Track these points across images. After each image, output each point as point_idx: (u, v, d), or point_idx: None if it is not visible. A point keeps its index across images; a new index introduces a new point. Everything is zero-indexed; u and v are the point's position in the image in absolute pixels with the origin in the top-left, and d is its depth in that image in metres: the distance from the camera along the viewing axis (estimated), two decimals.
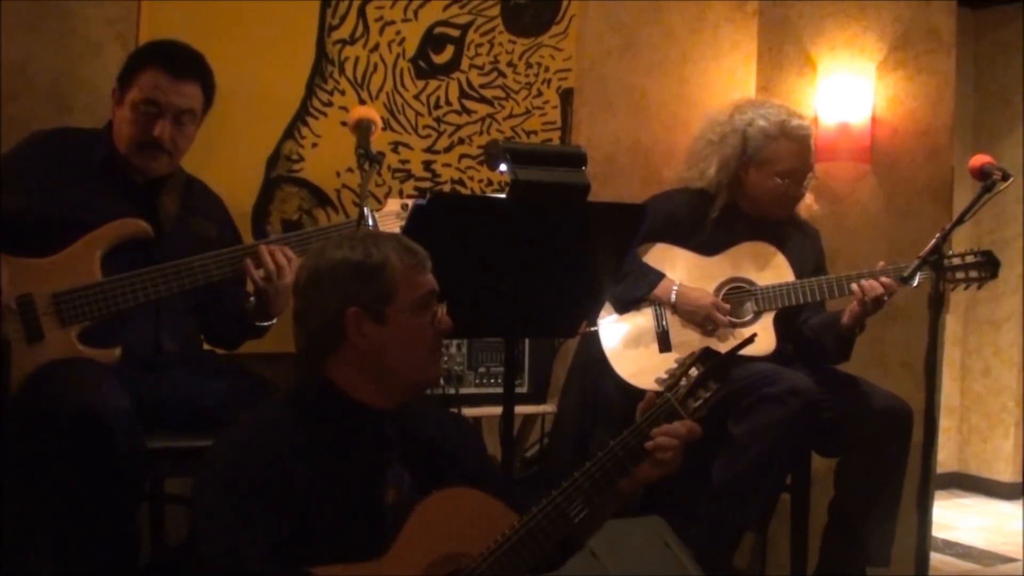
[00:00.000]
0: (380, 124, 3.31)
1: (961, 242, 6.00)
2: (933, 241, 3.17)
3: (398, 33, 4.15)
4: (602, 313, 3.80)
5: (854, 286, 3.63)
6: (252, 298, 3.17)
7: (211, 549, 2.10)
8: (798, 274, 3.84)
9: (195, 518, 2.17)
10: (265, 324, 3.23)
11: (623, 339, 3.87)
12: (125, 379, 2.84)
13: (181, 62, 3.10)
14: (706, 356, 2.38)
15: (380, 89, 4.13)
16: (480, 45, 4.33)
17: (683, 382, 2.35)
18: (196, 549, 2.13)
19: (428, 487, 2.25)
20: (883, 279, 3.61)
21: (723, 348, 3.73)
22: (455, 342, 3.82)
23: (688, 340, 3.81)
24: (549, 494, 2.25)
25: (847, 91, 4.51)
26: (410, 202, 3.36)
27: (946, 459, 7.02)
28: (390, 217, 3.35)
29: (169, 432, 2.91)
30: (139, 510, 2.82)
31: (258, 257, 3.07)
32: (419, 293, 2.27)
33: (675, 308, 3.85)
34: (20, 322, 2.83)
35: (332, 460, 2.20)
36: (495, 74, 4.38)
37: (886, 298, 3.61)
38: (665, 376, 2.39)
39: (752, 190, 3.90)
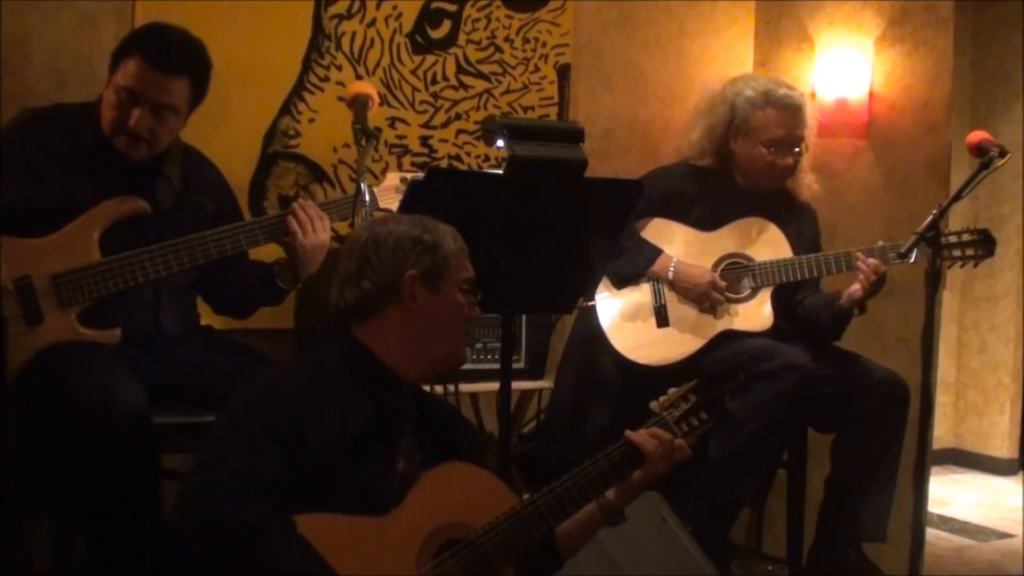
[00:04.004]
0: (377, 99, 3.30)
1: (958, 218, 6.01)
2: (930, 217, 3.16)
3: (395, 8, 4.13)
4: (599, 288, 3.80)
5: (859, 264, 3.63)
6: (278, 262, 3.20)
7: (196, 467, 2.16)
8: (795, 251, 3.84)
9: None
10: (288, 288, 3.25)
11: (620, 314, 3.87)
12: (126, 359, 2.85)
13: (169, 55, 2.99)
14: (701, 388, 2.51)
15: (377, 64, 4.11)
16: (477, 20, 4.32)
17: (678, 407, 2.49)
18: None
19: (433, 464, 2.33)
20: (870, 259, 3.63)
21: (720, 324, 3.77)
22: None
23: (685, 315, 3.82)
24: (553, 481, 2.35)
25: (845, 67, 4.50)
26: (409, 176, 3.36)
27: (942, 435, 7.03)
28: (389, 191, 3.34)
29: (167, 408, 2.91)
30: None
31: (295, 216, 3.10)
32: (465, 276, 2.43)
33: (673, 284, 3.85)
34: (19, 305, 2.81)
35: (356, 420, 2.28)
36: (492, 49, 4.36)
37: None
38: (662, 399, 2.52)
39: (741, 161, 3.91)
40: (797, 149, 3.88)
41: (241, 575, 2.04)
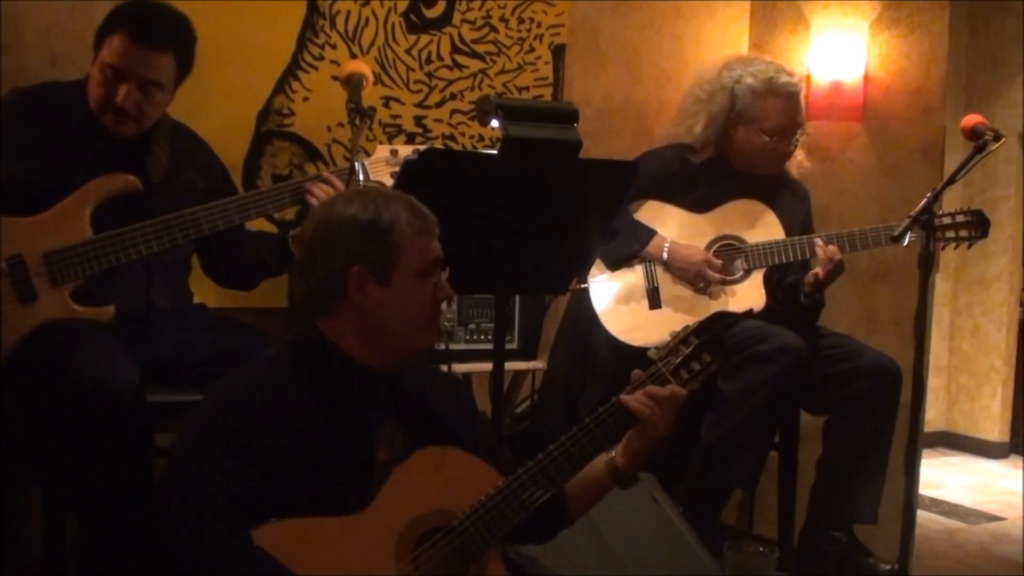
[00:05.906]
0: (371, 79, 3.31)
1: (952, 202, 5.99)
2: (924, 201, 3.16)
3: None
4: (592, 270, 3.80)
5: (818, 250, 3.65)
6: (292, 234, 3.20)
7: (162, 493, 2.12)
8: (788, 232, 3.84)
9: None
10: None
11: (613, 296, 3.87)
12: (120, 337, 2.85)
13: (152, 30, 2.97)
14: (702, 328, 2.34)
15: (371, 43, 4.10)
16: (472, 0, 4.31)
17: (677, 353, 2.33)
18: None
19: (420, 446, 2.25)
20: (828, 247, 3.64)
21: (714, 305, 3.77)
22: None
23: (679, 297, 3.82)
24: (535, 456, 2.27)
25: (840, 49, 4.49)
26: (399, 148, 3.36)
27: (934, 418, 7.06)
28: (379, 163, 3.34)
29: (161, 386, 2.91)
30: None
31: (309, 191, 3.13)
32: (425, 259, 2.27)
33: (667, 265, 3.85)
34: (12, 283, 2.81)
35: (324, 416, 2.20)
36: (487, 29, 4.35)
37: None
38: (659, 347, 2.36)
39: (741, 147, 3.90)
40: (797, 135, 3.88)
41: None
